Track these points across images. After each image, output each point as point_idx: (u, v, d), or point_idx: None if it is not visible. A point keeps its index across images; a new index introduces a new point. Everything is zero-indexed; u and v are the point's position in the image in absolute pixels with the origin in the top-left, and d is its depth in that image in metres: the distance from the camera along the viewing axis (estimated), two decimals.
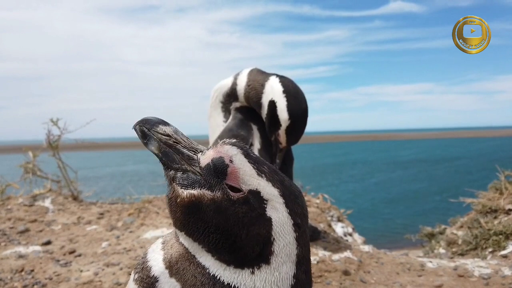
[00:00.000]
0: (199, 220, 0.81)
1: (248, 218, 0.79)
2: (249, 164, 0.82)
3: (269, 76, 2.63)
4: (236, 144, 0.86)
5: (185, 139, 0.88)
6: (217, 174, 0.82)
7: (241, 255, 0.79)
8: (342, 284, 2.37)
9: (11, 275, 2.43)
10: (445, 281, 2.35)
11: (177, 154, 0.86)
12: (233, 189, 0.80)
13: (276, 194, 0.81)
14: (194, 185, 0.83)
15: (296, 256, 0.82)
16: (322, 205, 3.73)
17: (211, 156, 0.84)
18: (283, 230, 0.80)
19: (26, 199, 3.57)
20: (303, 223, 0.85)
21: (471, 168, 27.67)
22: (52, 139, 3.82)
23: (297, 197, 0.85)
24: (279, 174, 0.86)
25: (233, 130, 2.70)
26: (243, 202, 0.79)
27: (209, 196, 0.81)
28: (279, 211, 0.80)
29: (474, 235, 3.11)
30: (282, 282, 0.81)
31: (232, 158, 0.82)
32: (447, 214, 4.73)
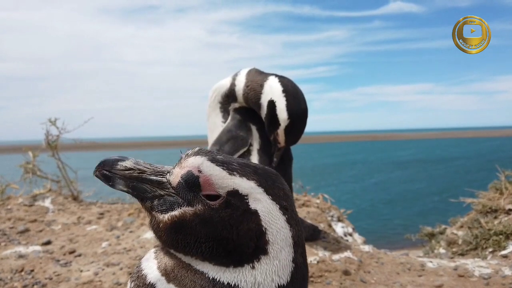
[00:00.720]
0: (187, 236, 0.80)
1: (234, 219, 0.78)
2: (218, 168, 0.80)
3: (268, 76, 2.63)
4: (199, 153, 0.84)
5: (148, 166, 0.86)
6: (191, 188, 0.81)
7: (238, 255, 0.79)
8: (342, 284, 2.37)
9: (11, 275, 2.43)
10: (445, 281, 2.35)
11: (146, 183, 0.84)
12: (211, 197, 0.80)
13: (253, 186, 0.80)
14: (173, 206, 0.82)
15: (292, 238, 0.82)
16: (322, 205, 3.73)
17: (179, 173, 0.83)
18: (272, 217, 0.80)
19: (26, 199, 3.57)
20: (289, 203, 0.84)
21: (471, 168, 27.69)
22: (51, 139, 3.81)
23: (275, 181, 0.85)
24: (250, 165, 0.85)
25: (232, 131, 2.69)
26: (225, 206, 0.79)
27: (190, 212, 0.80)
28: (262, 201, 0.80)
29: (474, 235, 3.11)
30: (282, 270, 0.81)
31: (199, 168, 0.81)
32: (447, 214, 4.73)
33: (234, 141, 2.67)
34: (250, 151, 2.73)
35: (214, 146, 2.67)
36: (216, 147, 2.66)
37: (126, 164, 0.84)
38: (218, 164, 0.81)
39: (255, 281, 0.79)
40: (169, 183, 0.83)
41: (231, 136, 2.67)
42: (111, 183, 0.84)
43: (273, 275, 0.80)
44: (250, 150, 2.73)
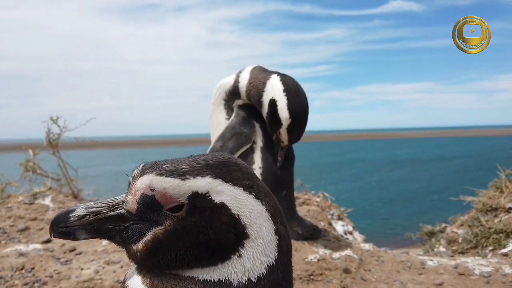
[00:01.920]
0: (167, 254, 0.79)
1: (205, 219, 0.76)
2: (168, 178, 0.77)
3: (271, 74, 2.63)
4: (145, 171, 0.80)
5: (100, 204, 0.83)
6: (152, 209, 0.78)
7: (222, 250, 0.78)
8: (343, 282, 2.37)
9: (12, 273, 2.43)
10: (445, 279, 2.35)
11: (107, 222, 0.81)
12: (175, 209, 0.77)
13: (210, 181, 0.78)
14: (142, 233, 0.79)
15: (267, 212, 0.81)
16: (322, 204, 3.73)
17: (134, 199, 0.79)
18: (240, 202, 0.78)
19: (26, 197, 3.56)
20: (252, 180, 0.82)
21: (470, 167, 27.72)
22: (52, 137, 3.81)
23: (229, 166, 0.82)
24: (200, 160, 0.81)
25: (235, 128, 2.70)
26: (191, 211, 0.77)
27: (161, 231, 0.77)
28: (224, 191, 0.78)
29: (474, 234, 3.12)
30: (268, 246, 0.80)
31: (150, 186, 0.77)
32: (446, 213, 4.73)
33: (238, 137, 2.68)
34: (254, 148, 2.74)
35: (217, 143, 2.68)
36: (219, 143, 2.67)
37: (78, 212, 0.80)
38: (167, 174, 0.77)
39: (245, 269, 0.78)
40: (129, 212, 0.80)
41: (235, 132, 2.68)
42: (72, 237, 0.81)
43: (260, 257, 0.79)
44: (254, 148, 2.74)
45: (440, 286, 2.29)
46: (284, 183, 2.79)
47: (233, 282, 0.77)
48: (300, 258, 2.55)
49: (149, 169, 0.79)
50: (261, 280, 0.79)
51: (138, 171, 0.81)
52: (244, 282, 0.78)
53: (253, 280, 0.79)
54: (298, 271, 2.43)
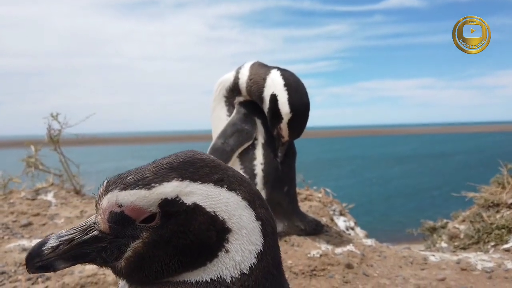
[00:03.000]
0: (152, 265, 0.76)
1: (182, 224, 0.74)
2: (134, 191, 0.74)
3: (271, 70, 2.63)
4: (108, 188, 0.76)
5: (71, 231, 0.79)
6: (124, 225, 0.75)
7: (207, 250, 0.76)
8: (345, 277, 2.38)
9: (15, 268, 2.44)
10: (448, 275, 2.36)
11: (82, 246, 0.78)
12: (148, 219, 0.74)
13: (177, 184, 0.75)
14: (121, 249, 0.76)
15: (244, 200, 0.78)
16: (324, 199, 3.74)
17: (103, 219, 0.77)
18: (212, 198, 0.76)
19: (28, 193, 3.57)
20: (220, 173, 0.79)
21: (470, 163, 27.74)
22: (53, 133, 3.81)
23: (194, 164, 0.78)
24: (163, 164, 0.78)
25: (237, 124, 2.70)
26: (166, 219, 0.74)
27: (140, 245, 0.75)
28: (193, 191, 0.75)
29: (476, 229, 3.12)
30: (253, 234, 0.78)
31: (117, 202, 0.74)
32: (447, 209, 4.74)
33: (239, 134, 2.67)
34: (255, 144, 2.74)
35: (219, 140, 2.68)
36: (221, 141, 2.66)
37: (51, 244, 0.77)
38: (132, 187, 0.74)
39: (235, 263, 0.77)
40: (103, 232, 0.77)
41: (236, 129, 2.68)
42: (52, 269, 0.78)
43: (248, 246, 0.77)
44: (255, 144, 2.74)
45: (443, 281, 2.30)
46: (286, 179, 2.80)
47: (226, 278, 0.76)
48: (303, 253, 2.55)
49: (112, 185, 0.76)
50: (253, 270, 0.78)
51: (102, 190, 0.77)
52: (237, 276, 0.76)
53: (245, 272, 0.77)
54: (300, 266, 2.44)
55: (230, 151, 2.64)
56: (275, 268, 0.84)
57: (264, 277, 0.80)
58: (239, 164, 2.73)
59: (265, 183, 2.71)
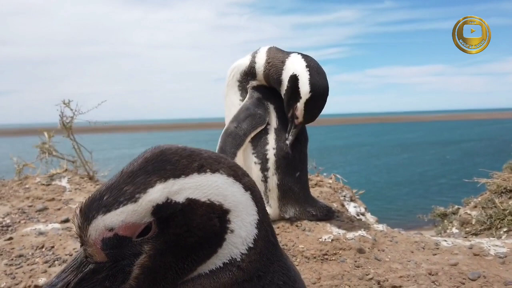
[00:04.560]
0: (165, 275, 0.74)
1: (183, 224, 0.71)
2: (119, 209, 0.68)
3: (290, 54, 2.64)
4: (87, 217, 0.69)
5: (63, 275, 0.73)
6: (122, 247, 0.70)
7: (214, 238, 0.75)
8: (357, 262, 2.40)
9: (32, 251, 2.49)
10: (460, 260, 2.36)
11: (82, 285, 0.72)
12: (145, 231, 0.70)
13: (162, 186, 0.70)
14: (126, 270, 0.72)
15: (229, 177, 0.76)
16: (334, 185, 3.74)
17: (97, 250, 0.71)
18: (202, 188, 0.73)
19: (43, 179, 3.63)
20: (197, 158, 0.75)
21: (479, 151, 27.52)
22: (65, 120, 3.86)
23: (169, 159, 0.73)
24: (136, 172, 0.72)
25: (250, 109, 2.70)
26: (164, 224, 0.70)
27: (145, 259, 0.71)
28: (182, 187, 0.71)
29: (488, 215, 3.11)
30: (248, 206, 0.77)
31: (106, 227, 0.68)
32: (455, 196, 4.72)
33: (252, 118, 2.68)
34: (267, 130, 2.75)
35: (231, 124, 2.69)
36: (234, 125, 2.68)
37: None
38: (116, 206, 0.68)
39: (242, 239, 0.76)
40: (99, 263, 0.71)
41: (249, 113, 2.69)
42: None
43: (248, 219, 0.77)
44: (267, 129, 2.75)
45: (455, 266, 2.30)
46: (298, 164, 2.80)
47: (236, 257, 0.76)
48: (314, 238, 2.57)
49: (93, 212, 0.69)
50: (256, 242, 0.78)
51: (79, 221, 0.70)
52: (245, 252, 0.77)
53: (251, 246, 0.77)
54: (312, 250, 2.46)
55: (243, 135, 2.66)
56: (273, 236, 0.85)
57: (266, 247, 0.81)
58: (251, 148, 2.74)
59: (277, 168, 2.72)
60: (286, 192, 2.76)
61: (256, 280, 0.77)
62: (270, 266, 0.80)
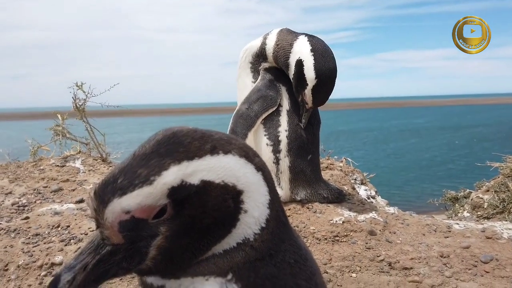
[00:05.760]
0: (182, 255, 0.74)
1: (198, 206, 0.71)
2: (135, 191, 0.68)
3: (298, 36, 2.60)
4: (104, 200, 0.69)
5: (81, 257, 0.72)
6: (138, 229, 0.70)
7: (228, 219, 0.75)
8: (368, 243, 2.41)
9: (49, 231, 2.54)
10: (472, 243, 2.36)
11: (99, 267, 0.72)
12: (161, 213, 0.70)
13: (176, 169, 0.69)
14: (142, 251, 0.72)
15: (241, 157, 0.77)
16: (345, 168, 3.74)
17: (114, 232, 0.70)
18: (216, 169, 0.73)
19: (57, 160, 3.68)
20: (209, 140, 0.75)
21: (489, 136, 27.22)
22: (78, 102, 3.89)
23: (181, 142, 0.73)
24: (148, 155, 0.72)
25: (261, 91, 2.70)
26: (179, 206, 0.70)
27: (162, 240, 0.71)
28: (196, 169, 0.71)
29: (501, 199, 3.09)
30: (260, 186, 0.78)
31: (122, 210, 0.68)
32: (464, 181, 4.69)
33: (263, 100, 2.68)
34: (279, 111, 2.74)
35: (243, 105, 2.69)
36: (245, 106, 2.68)
37: (65, 278, 0.70)
38: (131, 188, 0.68)
39: (255, 219, 0.77)
40: (116, 245, 0.71)
41: (261, 95, 2.68)
42: None
43: (260, 199, 0.78)
44: (279, 111, 2.74)
45: (467, 249, 2.30)
46: (310, 147, 2.80)
47: (249, 237, 0.77)
48: (325, 220, 2.59)
49: (108, 195, 0.69)
50: (268, 222, 0.79)
51: (95, 204, 0.70)
52: (258, 232, 0.77)
53: (263, 226, 0.78)
54: (323, 232, 2.48)
55: (254, 117, 2.66)
56: (284, 216, 0.85)
57: (277, 227, 0.81)
58: (263, 130, 2.75)
59: (289, 150, 2.73)
60: (297, 174, 2.77)
61: (268, 258, 0.78)
62: (281, 245, 0.81)
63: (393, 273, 2.17)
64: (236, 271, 0.76)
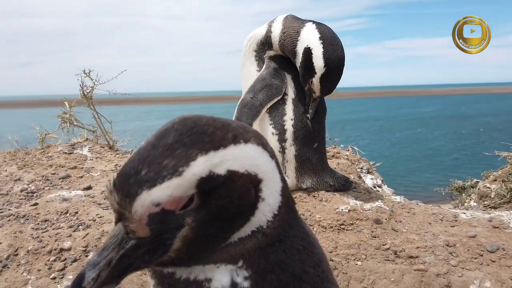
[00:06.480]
0: (207, 243, 0.74)
1: (225, 196, 0.71)
2: (164, 183, 0.66)
3: (305, 23, 2.56)
4: (131, 192, 0.67)
5: (104, 253, 0.70)
6: (165, 221, 0.69)
7: (249, 208, 0.76)
8: (374, 232, 2.42)
9: (57, 217, 2.58)
10: (479, 232, 2.35)
11: (123, 262, 0.70)
12: (187, 204, 0.69)
13: (204, 159, 0.68)
14: (166, 243, 0.71)
15: (258, 145, 0.77)
16: (351, 157, 3.73)
17: (142, 226, 0.69)
18: (240, 159, 0.72)
19: (65, 148, 3.71)
20: (230, 129, 0.74)
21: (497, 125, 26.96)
22: (85, 90, 3.89)
23: (204, 131, 0.72)
24: (172, 145, 0.69)
25: (266, 79, 2.67)
26: (205, 196, 0.70)
27: (188, 231, 0.71)
28: (222, 159, 0.70)
29: (509, 188, 3.07)
30: (274, 174, 0.78)
31: (153, 202, 0.66)
32: (468, 172, 4.66)
33: (268, 89, 2.66)
34: (285, 100, 2.72)
35: (248, 94, 2.67)
36: (250, 95, 2.66)
37: (90, 276, 0.68)
38: (160, 180, 0.66)
39: (270, 207, 0.78)
40: (142, 238, 0.70)
41: (266, 84, 2.66)
42: None
43: (274, 187, 0.78)
44: (285, 99, 2.72)
45: (473, 238, 2.30)
46: (316, 135, 2.79)
47: (263, 225, 0.78)
48: (331, 208, 2.59)
49: (134, 187, 0.67)
50: (280, 209, 0.80)
51: (120, 197, 0.68)
52: (271, 219, 0.78)
53: (276, 213, 0.79)
54: (329, 220, 2.49)
55: (259, 106, 2.64)
56: (292, 201, 0.86)
57: (287, 213, 0.82)
58: (269, 119, 2.74)
59: (295, 139, 2.72)
60: (303, 163, 2.77)
61: (278, 244, 0.79)
62: (290, 230, 0.82)
63: (399, 262, 2.17)
64: (247, 258, 0.77)
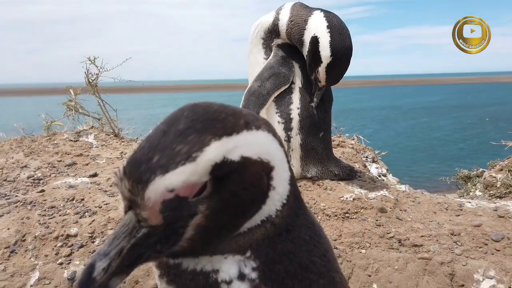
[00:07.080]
0: (220, 232, 0.73)
1: (238, 183, 0.70)
2: (178, 169, 0.64)
3: (313, 11, 2.53)
4: (142, 178, 0.65)
5: (115, 242, 0.68)
6: (179, 208, 0.67)
7: (262, 195, 0.75)
8: (378, 220, 2.42)
9: (64, 203, 2.60)
10: (484, 221, 2.35)
11: (134, 252, 0.68)
12: (201, 190, 0.68)
13: (218, 145, 0.66)
14: (178, 232, 0.68)
15: (269, 133, 0.76)
16: (357, 146, 3.72)
17: (155, 213, 0.66)
18: (252, 145, 0.71)
19: (71, 135, 3.73)
20: (241, 115, 0.73)
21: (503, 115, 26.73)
22: (90, 77, 3.89)
23: (217, 117, 0.70)
24: (184, 131, 0.68)
25: (274, 67, 2.66)
26: (218, 183, 0.68)
27: (201, 219, 0.68)
28: (236, 145, 0.69)
29: None
30: (283, 162, 0.78)
31: (167, 188, 0.64)
32: (473, 162, 4.64)
33: (276, 77, 2.64)
34: (292, 88, 2.71)
35: (255, 83, 2.66)
36: (257, 84, 2.65)
37: (101, 266, 0.66)
38: (173, 166, 0.64)
39: (280, 196, 0.77)
40: (154, 226, 0.67)
41: (273, 72, 2.65)
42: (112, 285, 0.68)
43: (283, 175, 0.78)
44: (292, 88, 2.71)
45: (478, 227, 2.30)
46: (322, 124, 2.78)
47: (272, 214, 0.77)
48: (336, 197, 2.60)
49: (147, 174, 0.65)
50: (289, 198, 0.79)
51: (132, 184, 0.66)
52: (279, 209, 0.77)
53: (284, 202, 0.78)
54: (333, 209, 2.49)
55: (267, 94, 2.63)
56: (297, 190, 0.86)
57: (294, 202, 0.82)
58: (275, 108, 2.73)
59: (301, 128, 2.71)
60: (309, 152, 2.76)
61: (285, 234, 0.79)
62: (297, 220, 0.82)
63: (403, 250, 2.18)
64: (255, 248, 0.76)
